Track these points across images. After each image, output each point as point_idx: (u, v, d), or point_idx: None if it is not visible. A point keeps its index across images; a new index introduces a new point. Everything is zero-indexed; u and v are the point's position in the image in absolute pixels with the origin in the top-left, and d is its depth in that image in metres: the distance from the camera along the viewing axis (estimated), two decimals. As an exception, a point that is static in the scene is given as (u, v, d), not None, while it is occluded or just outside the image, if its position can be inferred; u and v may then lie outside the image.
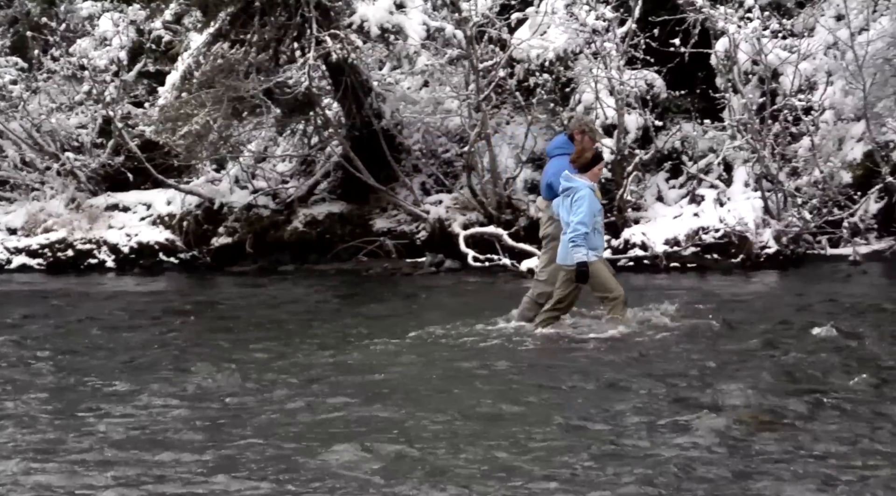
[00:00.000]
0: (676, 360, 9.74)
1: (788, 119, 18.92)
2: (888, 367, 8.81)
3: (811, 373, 8.86)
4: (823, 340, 10.33)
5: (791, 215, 18.42)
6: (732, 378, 8.80)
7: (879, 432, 6.86)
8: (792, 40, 19.90)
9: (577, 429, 7.42)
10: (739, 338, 10.79)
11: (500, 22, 20.92)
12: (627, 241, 19.14)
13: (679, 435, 7.12)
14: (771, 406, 7.75)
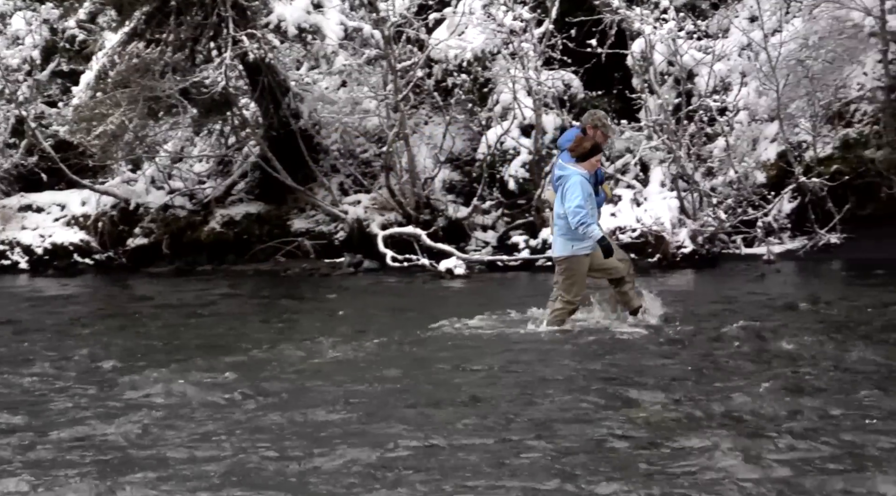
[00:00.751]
0: (595, 360, 9.72)
1: (704, 119, 19.02)
2: (799, 366, 8.84)
3: (723, 371, 8.87)
4: (737, 339, 10.37)
5: (706, 215, 18.52)
6: (646, 376, 8.81)
7: (785, 436, 6.86)
8: (707, 41, 20.04)
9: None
10: (653, 337, 10.79)
11: (417, 22, 20.86)
12: (545, 240, 19.10)
13: (592, 429, 7.09)
14: (679, 404, 7.74)
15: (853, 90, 19.12)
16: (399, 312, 14.09)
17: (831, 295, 13.46)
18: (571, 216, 10.98)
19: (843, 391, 7.93)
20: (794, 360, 9.20)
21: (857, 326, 10.77)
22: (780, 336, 10.32)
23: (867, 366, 8.83)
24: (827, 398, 7.73)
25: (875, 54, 18.90)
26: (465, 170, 21.32)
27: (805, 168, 18.49)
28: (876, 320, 11.07)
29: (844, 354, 9.30)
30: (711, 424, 7.19)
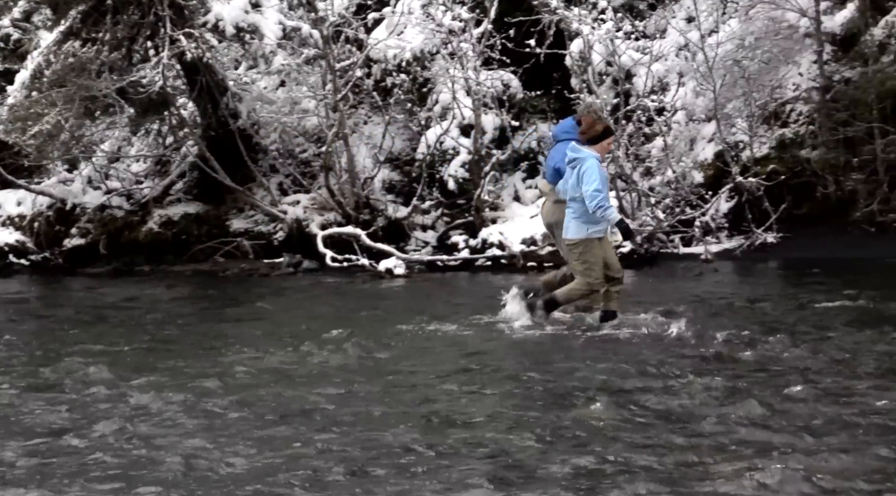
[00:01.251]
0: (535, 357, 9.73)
1: (642, 119, 19.08)
2: (733, 365, 8.87)
3: (662, 370, 8.88)
4: (677, 338, 10.40)
5: (645, 214, 18.58)
6: (586, 373, 8.82)
7: (723, 436, 6.87)
8: (644, 42, 20.11)
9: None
10: (593, 336, 10.80)
11: (356, 22, 20.79)
12: (485, 240, 19.14)
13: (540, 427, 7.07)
14: (621, 401, 7.74)
15: (789, 90, 19.25)
16: (340, 313, 14.02)
17: (767, 294, 13.54)
18: (589, 199, 10.90)
19: (774, 389, 7.95)
20: (728, 360, 9.23)
21: (793, 324, 10.82)
22: (717, 335, 10.36)
23: (798, 363, 8.87)
24: (758, 396, 7.75)
25: (810, 55, 19.05)
26: (404, 170, 21.27)
27: (742, 168, 18.59)
28: (810, 319, 11.14)
29: (778, 353, 9.34)
30: (648, 425, 7.19)
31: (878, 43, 18.34)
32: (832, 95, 18.55)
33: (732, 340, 10.04)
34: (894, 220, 17.60)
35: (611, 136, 11.44)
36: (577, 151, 11.14)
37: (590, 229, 11.15)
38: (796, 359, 9.02)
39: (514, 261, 18.64)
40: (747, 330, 10.51)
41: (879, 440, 6.51)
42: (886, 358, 8.88)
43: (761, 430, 6.90)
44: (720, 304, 12.91)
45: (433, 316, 12.38)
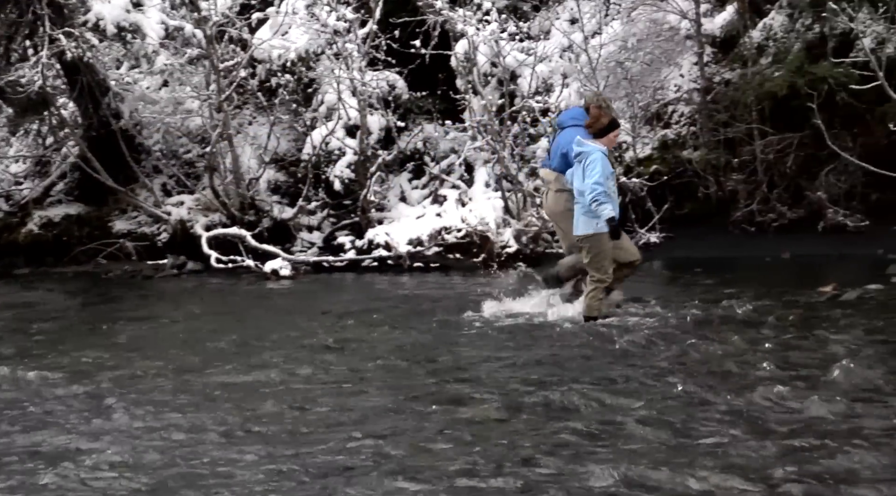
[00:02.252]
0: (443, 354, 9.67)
1: (527, 120, 19.14)
2: (617, 364, 8.90)
3: (546, 368, 8.87)
4: (561, 335, 10.43)
5: (530, 215, 18.63)
6: (472, 372, 8.80)
7: (606, 437, 6.88)
8: (529, 43, 20.18)
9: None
10: (485, 336, 10.79)
11: (240, 22, 20.55)
12: (371, 241, 19.06)
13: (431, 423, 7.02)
14: (501, 403, 7.71)
15: (670, 92, 19.45)
16: (223, 315, 13.85)
17: (650, 293, 13.60)
18: (588, 192, 10.88)
19: (655, 388, 7.99)
20: (614, 358, 9.26)
21: (676, 323, 10.90)
22: (601, 334, 10.40)
23: (681, 361, 8.93)
24: (638, 394, 7.78)
25: (691, 57, 19.26)
26: (290, 170, 21.11)
27: (625, 168, 18.74)
28: (691, 317, 11.22)
29: (661, 351, 9.39)
30: (536, 423, 7.17)
31: (756, 45, 18.60)
32: (713, 97, 18.77)
33: (615, 338, 10.07)
34: (773, 220, 17.87)
35: (617, 129, 11.42)
36: (583, 145, 11.10)
37: (599, 224, 11.09)
38: (672, 359, 9.07)
39: (400, 261, 18.58)
40: (630, 328, 10.57)
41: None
42: (767, 357, 8.97)
43: (639, 427, 6.93)
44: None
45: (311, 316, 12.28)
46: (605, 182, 10.92)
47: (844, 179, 17.62)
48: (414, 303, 13.95)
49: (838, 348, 8.98)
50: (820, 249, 16.54)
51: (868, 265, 14.79)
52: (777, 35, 18.56)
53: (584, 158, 11.03)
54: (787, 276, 14.68)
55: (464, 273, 17.62)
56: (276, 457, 6.74)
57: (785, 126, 17.95)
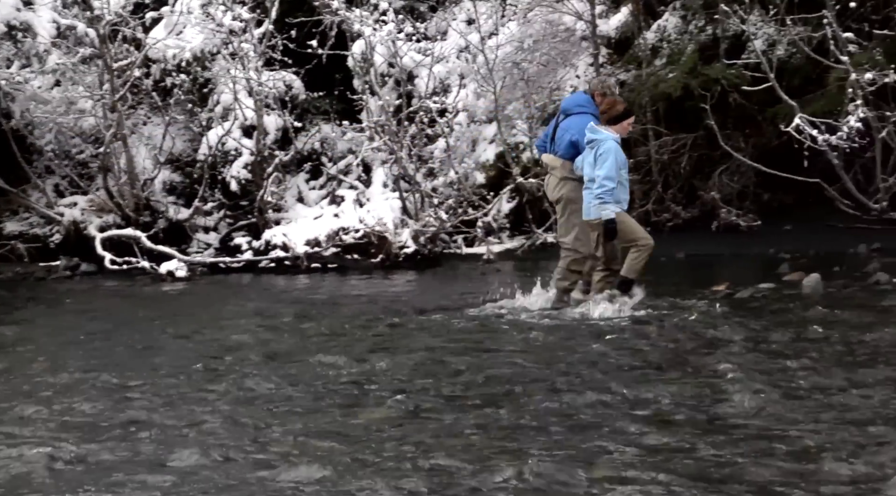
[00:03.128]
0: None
1: (424, 121, 19.09)
2: (513, 362, 8.89)
3: (443, 368, 8.82)
4: (456, 334, 10.39)
5: (428, 215, 18.58)
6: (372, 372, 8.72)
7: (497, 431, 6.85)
8: (426, 43, 20.15)
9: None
10: (370, 336, 10.71)
11: (134, 21, 20.21)
12: (268, 242, 18.90)
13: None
14: (396, 403, 7.64)
15: (567, 92, 19.50)
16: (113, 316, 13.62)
17: (548, 293, 13.65)
18: (597, 186, 10.80)
19: (552, 385, 7.97)
20: (506, 358, 9.23)
21: (569, 323, 10.92)
22: (497, 334, 10.39)
23: (587, 360, 8.94)
24: (534, 390, 7.77)
25: (587, 57, 19.37)
26: (185, 171, 20.85)
27: (522, 169, 18.78)
28: (581, 315, 11.25)
29: (557, 351, 9.39)
30: (421, 423, 7.11)
31: (650, 46, 18.75)
32: (608, 97, 18.87)
33: (509, 338, 10.05)
34: (668, 220, 18.02)
35: (631, 117, 11.30)
36: (597, 132, 10.97)
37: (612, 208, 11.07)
38: (577, 356, 9.09)
39: (297, 262, 18.45)
40: (526, 329, 10.56)
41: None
42: (648, 354, 9.02)
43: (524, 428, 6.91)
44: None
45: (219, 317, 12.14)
46: (615, 175, 10.86)
47: (737, 180, 17.84)
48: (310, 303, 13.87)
49: (729, 344, 9.06)
50: (714, 249, 16.71)
51: (760, 264, 14.96)
52: (671, 36, 18.74)
53: (598, 146, 10.91)
54: (681, 276, 14.78)
55: (361, 273, 17.56)
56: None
57: (679, 127, 18.13)
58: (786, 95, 16.22)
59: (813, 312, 10.47)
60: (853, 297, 11.33)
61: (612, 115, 11.15)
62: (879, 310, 10.48)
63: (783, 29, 17.02)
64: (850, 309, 10.49)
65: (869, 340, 8.96)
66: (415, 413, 7.41)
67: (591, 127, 11.05)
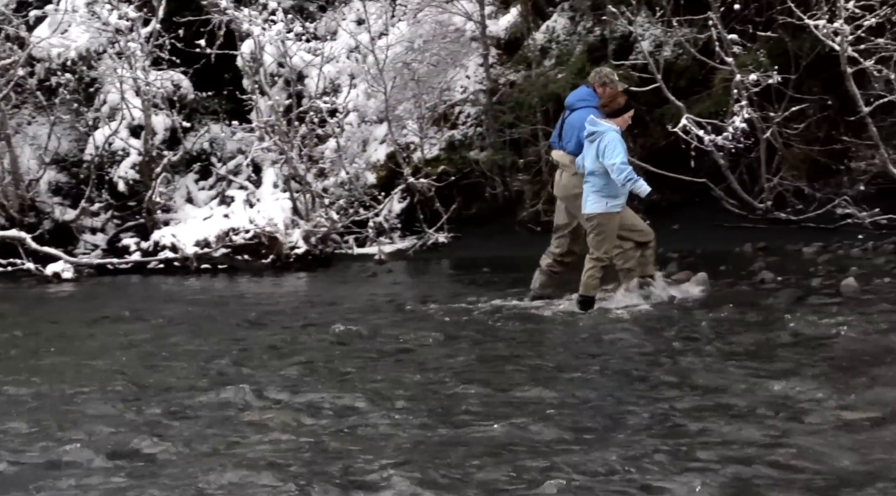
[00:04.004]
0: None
1: (315, 121, 18.97)
2: (403, 366, 8.83)
3: (330, 372, 8.74)
4: (342, 336, 10.30)
5: (319, 216, 18.45)
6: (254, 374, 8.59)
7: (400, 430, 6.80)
8: (316, 43, 20.00)
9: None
10: (265, 338, 10.59)
11: (17, 19, 19.81)
12: (157, 242, 18.62)
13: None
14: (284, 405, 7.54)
15: (457, 93, 19.53)
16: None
17: (439, 293, 13.62)
18: (616, 173, 10.62)
19: (446, 389, 7.93)
20: (398, 360, 9.18)
21: (466, 324, 10.91)
22: (388, 335, 10.32)
23: (477, 361, 8.93)
24: (424, 394, 7.72)
25: (477, 58, 19.37)
26: (72, 171, 20.45)
27: (413, 169, 18.74)
28: (482, 317, 11.26)
29: (449, 351, 9.36)
30: (316, 424, 7.03)
31: (540, 47, 18.83)
32: (498, 98, 18.93)
33: (401, 339, 10.00)
34: (558, 220, 18.10)
35: (631, 110, 11.16)
36: (597, 125, 10.85)
37: (608, 203, 10.92)
38: (466, 359, 9.06)
39: (187, 263, 18.23)
40: (416, 329, 10.52)
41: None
42: (548, 353, 9.04)
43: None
44: (391, 304, 12.87)
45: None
46: (627, 159, 10.79)
47: (625, 179, 17.97)
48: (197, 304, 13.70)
49: (613, 338, 9.13)
50: (604, 248, 16.81)
51: (649, 263, 15.08)
52: (560, 37, 18.83)
53: (599, 138, 10.81)
54: (576, 274, 14.86)
55: (252, 274, 17.41)
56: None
57: (568, 127, 18.20)
58: (673, 96, 16.38)
59: (698, 310, 10.58)
60: (738, 295, 11.46)
61: (613, 108, 11.05)
62: (762, 308, 10.61)
63: (670, 30, 17.18)
64: (735, 307, 10.62)
65: (747, 339, 9.05)
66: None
67: (591, 119, 10.98)
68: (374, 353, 9.47)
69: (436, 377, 8.27)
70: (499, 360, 8.93)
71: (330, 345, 10.00)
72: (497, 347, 9.53)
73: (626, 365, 8.37)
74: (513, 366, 8.63)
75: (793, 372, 7.50)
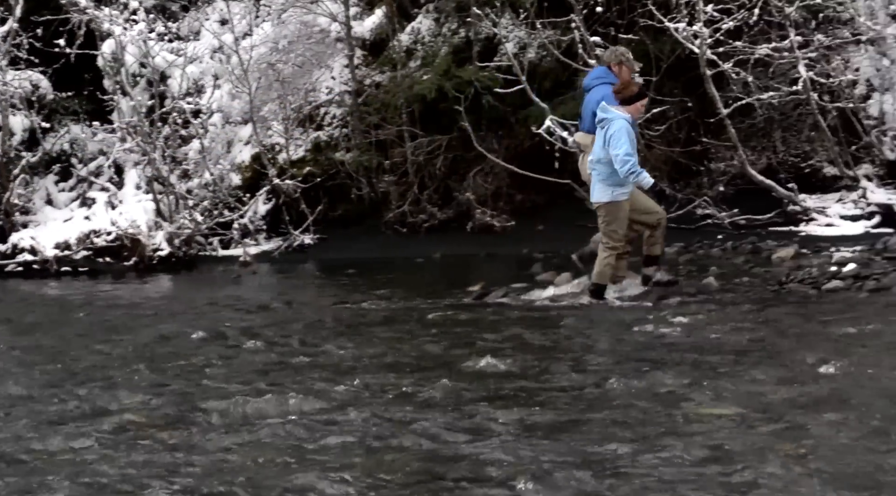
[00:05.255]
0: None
1: (178, 121, 18.73)
2: (268, 368, 8.68)
3: (195, 376, 8.53)
4: (205, 342, 10.10)
5: (183, 217, 18.19)
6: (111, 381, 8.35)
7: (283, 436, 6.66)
8: (178, 43, 19.74)
9: None
10: (122, 344, 10.33)
11: None
12: (16, 245, 18.22)
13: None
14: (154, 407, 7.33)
15: (323, 94, 19.40)
16: None
17: (304, 295, 13.49)
18: (620, 164, 10.33)
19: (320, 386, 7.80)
20: (261, 361, 9.02)
21: (333, 324, 10.79)
22: (255, 336, 10.15)
23: (352, 360, 8.81)
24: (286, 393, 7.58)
25: (342, 59, 19.29)
26: (-74, 173, 19.91)
27: (279, 170, 18.57)
28: (346, 319, 11.16)
29: (315, 350, 9.22)
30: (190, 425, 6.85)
31: (405, 48, 18.80)
32: (364, 99, 18.85)
33: (265, 341, 9.84)
34: (424, 221, 18.08)
35: (645, 98, 10.86)
36: (607, 112, 10.54)
37: (615, 192, 10.63)
38: (338, 355, 8.94)
39: (46, 266, 17.84)
40: (283, 330, 10.37)
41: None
42: (416, 352, 8.97)
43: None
44: (256, 306, 12.67)
45: None
46: (633, 151, 10.50)
47: (491, 181, 18.01)
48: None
49: (481, 344, 9.06)
50: (469, 249, 16.82)
51: (514, 264, 15.12)
52: (425, 39, 18.82)
53: (607, 126, 10.55)
54: (437, 276, 14.85)
55: (114, 277, 17.09)
56: None
57: (434, 128, 18.22)
58: (537, 97, 16.44)
59: (562, 311, 10.60)
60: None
61: (626, 96, 10.72)
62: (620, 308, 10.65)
63: (533, 32, 17.28)
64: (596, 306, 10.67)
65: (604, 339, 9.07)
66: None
67: (603, 106, 10.70)
68: (233, 357, 9.29)
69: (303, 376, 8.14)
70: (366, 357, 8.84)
71: (186, 350, 9.78)
72: (373, 342, 9.43)
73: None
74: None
75: (652, 369, 7.52)
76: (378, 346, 9.32)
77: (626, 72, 11.12)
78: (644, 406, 6.42)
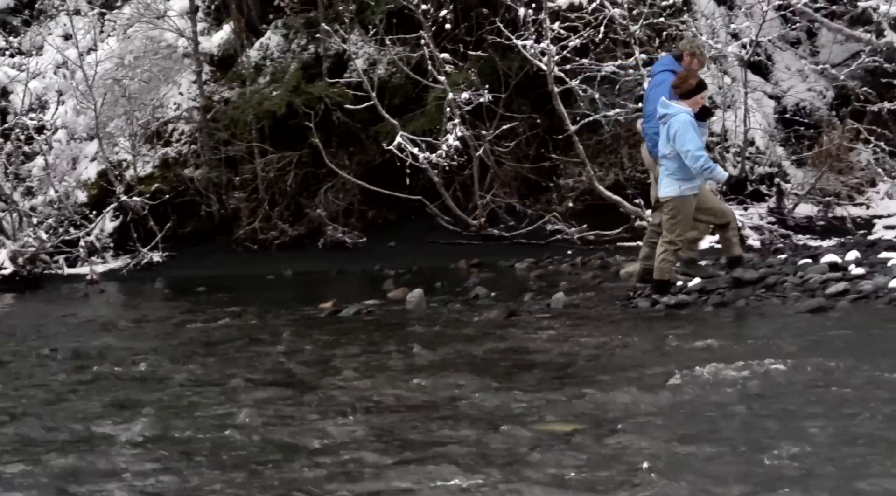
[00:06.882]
0: None
1: (21, 138, 18.39)
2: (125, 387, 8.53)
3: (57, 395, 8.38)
4: (50, 359, 9.91)
5: (27, 235, 17.80)
6: None
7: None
8: (20, 58, 19.40)
9: None
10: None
11: None
12: None
13: None
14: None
15: (170, 110, 19.18)
16: None
17: (153, 313, 13.29)
18: (692, 161, 10.14)
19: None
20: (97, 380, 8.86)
21: (178, 344, 10.64)
22: (104, 357, 9.96)
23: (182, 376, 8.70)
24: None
25: (190, 75, 19.10)
26: None
27: (126, 187, 18.30)
28: (197, 337, 11.01)
29: (177, 367, 9.10)
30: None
31: (254, 64, 18.69)
32: (213, 115, 18.68)
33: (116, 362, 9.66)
34: (275, 238, 17.96)
35: (704, 90, 10.57)
36: (668, 107, 10.35)
37: (682, 186, 10.40)
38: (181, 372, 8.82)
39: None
40: (133, 350, 10.19)
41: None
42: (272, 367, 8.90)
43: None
44: (104, 325, 12.45)
45: None
46: (702, 144, 10.39)
47: (342, 197, 18.00)
48: None
49: (336, 361, 9.03)
50: (321, 266, 16.75)
51: (366, 280, 15.11)
52: (274, 54, 18.74)
53: (670, 123, 10.36)
54: (289, 293, 14.76)
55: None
56: None
57: (284, 144, 18.15)
58: (387, 114, 16.50)
59: (415, 327, 10.61)
60: (453, 312, 11.55)
61: (685, 89, 10.53)
62: (475, 324, 10.68)
63: (383, 49, 17.33)
64: (449, 324, 10.70)
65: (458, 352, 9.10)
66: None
67: (663, 101, 10.57)
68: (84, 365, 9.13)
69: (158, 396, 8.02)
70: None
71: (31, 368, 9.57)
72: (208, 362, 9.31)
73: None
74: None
75: (502, 384, 7.58)
76: (231, 365, 9.23)
77: (696, 64, 11.09)
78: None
